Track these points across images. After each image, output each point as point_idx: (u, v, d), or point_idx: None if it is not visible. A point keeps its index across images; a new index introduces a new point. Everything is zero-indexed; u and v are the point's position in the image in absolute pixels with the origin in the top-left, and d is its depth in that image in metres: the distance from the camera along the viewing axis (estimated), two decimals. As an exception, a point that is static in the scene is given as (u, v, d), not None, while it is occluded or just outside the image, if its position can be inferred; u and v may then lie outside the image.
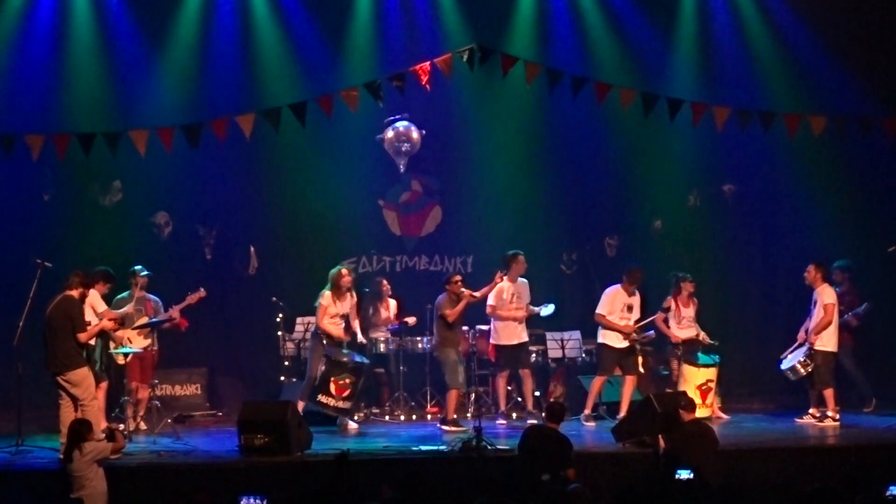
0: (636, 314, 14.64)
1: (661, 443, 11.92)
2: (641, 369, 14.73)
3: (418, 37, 16.58)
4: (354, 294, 14.50)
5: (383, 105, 14.23)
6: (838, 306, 14.60)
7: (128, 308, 13.87)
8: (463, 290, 14.30)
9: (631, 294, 14.65)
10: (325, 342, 14.17)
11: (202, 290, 14.11)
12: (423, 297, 15.23)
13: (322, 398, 13.91)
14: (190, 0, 16.26)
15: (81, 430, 10.89)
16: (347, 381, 13.94)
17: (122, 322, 13.55)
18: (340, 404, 13.98)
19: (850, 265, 15.64)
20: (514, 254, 14.71)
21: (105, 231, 15.93)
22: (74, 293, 12.25)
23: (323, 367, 13.96)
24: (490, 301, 14.60)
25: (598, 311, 14.67)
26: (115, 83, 16.08)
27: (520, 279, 14.73)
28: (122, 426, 13.13)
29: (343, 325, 14.31)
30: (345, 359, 14.06)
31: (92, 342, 12.57)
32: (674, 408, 12.19)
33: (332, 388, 13.91)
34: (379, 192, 16.99)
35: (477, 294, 14.38)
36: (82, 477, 10.62)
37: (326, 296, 14.18)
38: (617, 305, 14.60)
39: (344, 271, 14.29)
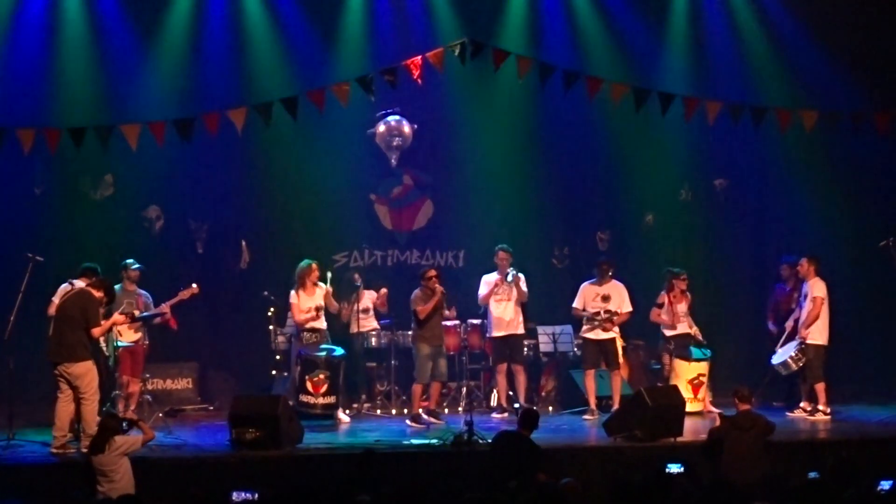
0: (619, 303, 14.62)
1: (718, 420, 11.91)
2: (621, 359, 14.72)
3: (410, 31, 16.57)
4: (323, 285, 14.55)
5: (375, 99, 14.24)
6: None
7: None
8: (437, 286, 14.27)
9: (605, 283, 14.67)
10: (303, 340, 14.30)
11: (195, 286, 14.01)
12: (414, 291, 15.22)
13: (303, 398, 13.98)
14: (181, -6, 16.30)
15: (112, 424, 11.03)
16: (321, 376, 14.01)
17: (133, 317, 13.57)
18: (321, 401, 14.03)
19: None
20: (497, 249, 14.78)
21: (96, 225, 15.91)
22: (96, 293, 12.26)
23: (298, 369, 14.06)
24: (480, 292, 14.69)
25: (573, 305, 14.81)
26: (106, 77, 16.05)
27: (511, 272, 14.75)
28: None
29: (320, 316, 14.45)
30: (316, 356, 14.13)
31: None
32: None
33: (309, 386, 14.01)
34: (370, 186, 16.99)
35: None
36: (112, 471, 10.74)
37: (293, 293, 14.47)
38: (589, 297, 14.68)
39: (314, 266, 14.48)
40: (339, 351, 14.35)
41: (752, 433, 11.61)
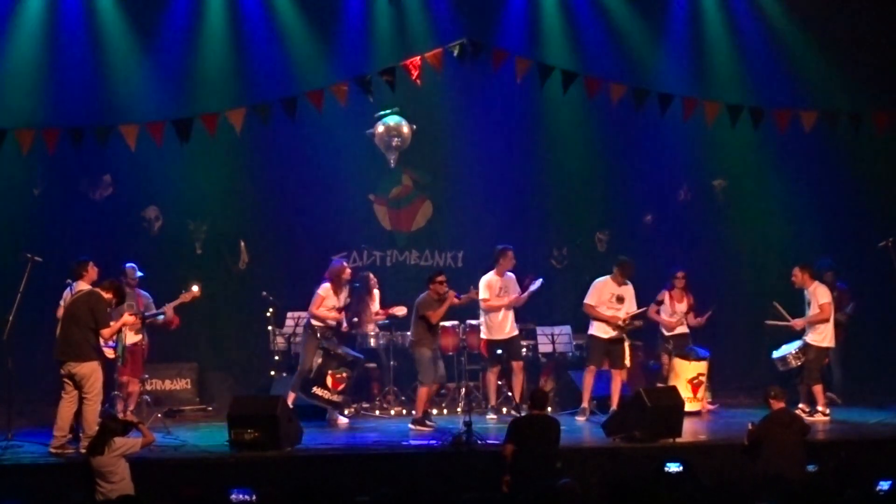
0: (629, 305, 14.61)
1: (750, 427, 11.92)
2: (627, 362, 14.70)
3: (409, 31, 16.58)
4: (347, 289, 14.56)
5: (373, 100, 14.24)
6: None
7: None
8: (448, 290, 14.20)
9: (622, 285, 14.63)
10: (318, 334, 14.22)
11: (196, 288, 13.92)
12: (413, 291, 15.14)
13: (317, 390, 13.93)
14: (180, -6, 16.30)
15: (112, 426, 11.03)
16: (344, 374, 14.03)
17: (144, 317, 13.55)
18: (334, 398, 14.03)
19: (834, 264, 15.67)
20: (503, 248, 14.68)
21: (95, 225, 15.92)
22: (105, 294, 12.25)
23: (319, 360, 14.01)
24: (483, 295, 14.59)
25: (585, 301, 14.67)
26: (105, 77, 16.07)
27: (507, 273, 14.70)
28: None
29: (340, 317, 14.43)
30: (342, 352, 14.11)
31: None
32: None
33: (329, 381, 13.99)
34: (369, 186, 16.99)
35: (457, 300, 14.31)
36: (111, 472, 10.74)
37: (326, 287, 14.31)
38: (605, 296, 14.58)
39: (346, 264, 14.50)
40: (358, 353, 14.39)
41: (794, 429, 11.66)
